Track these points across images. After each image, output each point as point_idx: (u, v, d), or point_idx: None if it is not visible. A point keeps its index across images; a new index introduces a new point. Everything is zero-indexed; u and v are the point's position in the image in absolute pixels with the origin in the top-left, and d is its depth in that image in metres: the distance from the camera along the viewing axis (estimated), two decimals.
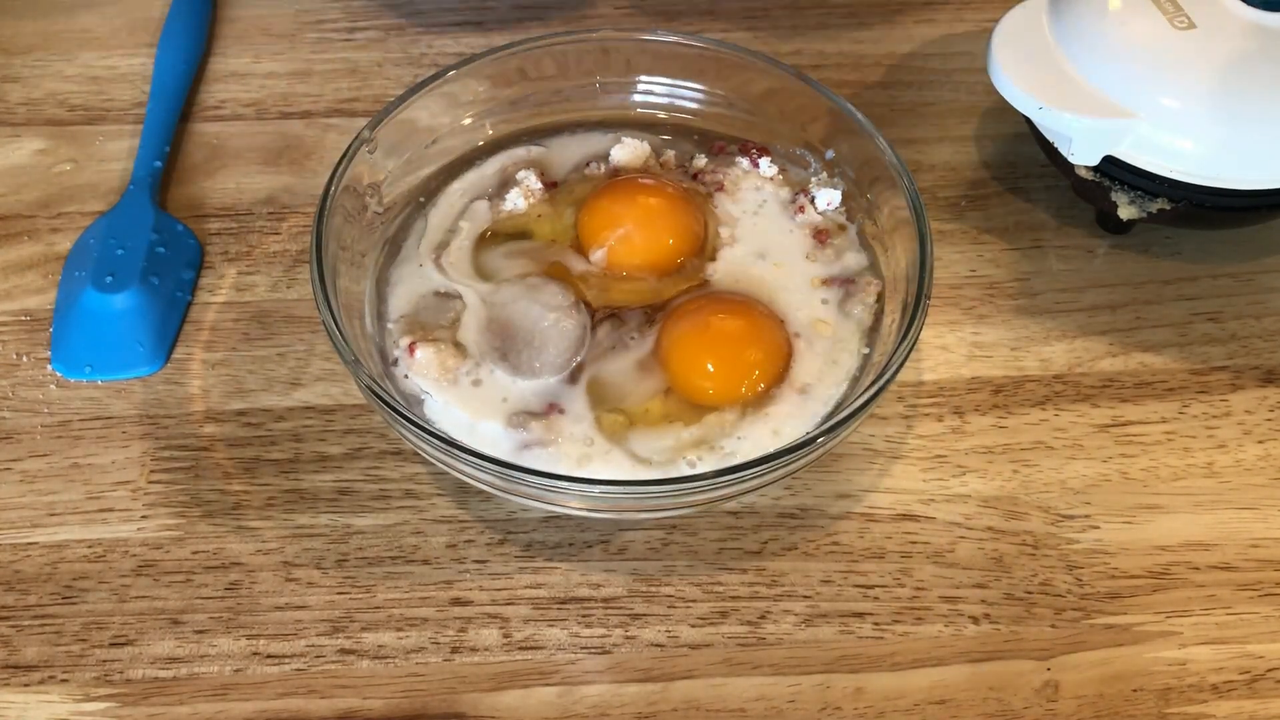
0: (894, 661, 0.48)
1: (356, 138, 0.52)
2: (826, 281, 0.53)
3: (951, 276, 0.59)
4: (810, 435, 0.45)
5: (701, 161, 0.57)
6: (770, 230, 0.54)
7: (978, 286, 0.59)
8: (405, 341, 0.50)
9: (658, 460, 0.48)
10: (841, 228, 0.54)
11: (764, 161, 0.56)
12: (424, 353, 0.49)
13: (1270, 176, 0.53)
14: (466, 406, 0.49)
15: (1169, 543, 0.51)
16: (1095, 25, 0.55)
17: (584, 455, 0.48)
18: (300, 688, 0.47)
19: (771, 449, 0.46)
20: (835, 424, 0.45)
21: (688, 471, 0.47)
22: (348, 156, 0.51)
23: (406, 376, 0.49)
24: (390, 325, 0.51)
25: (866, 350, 0.51)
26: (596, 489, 0.44)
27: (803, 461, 0.46)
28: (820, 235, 0.54)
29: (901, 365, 0.46)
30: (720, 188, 0.55)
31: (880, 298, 0.52)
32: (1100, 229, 0.60)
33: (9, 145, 0.64)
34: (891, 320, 0.50)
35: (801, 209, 0.55)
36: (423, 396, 0.49)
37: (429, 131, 0.55)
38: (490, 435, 0.48)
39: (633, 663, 0.48)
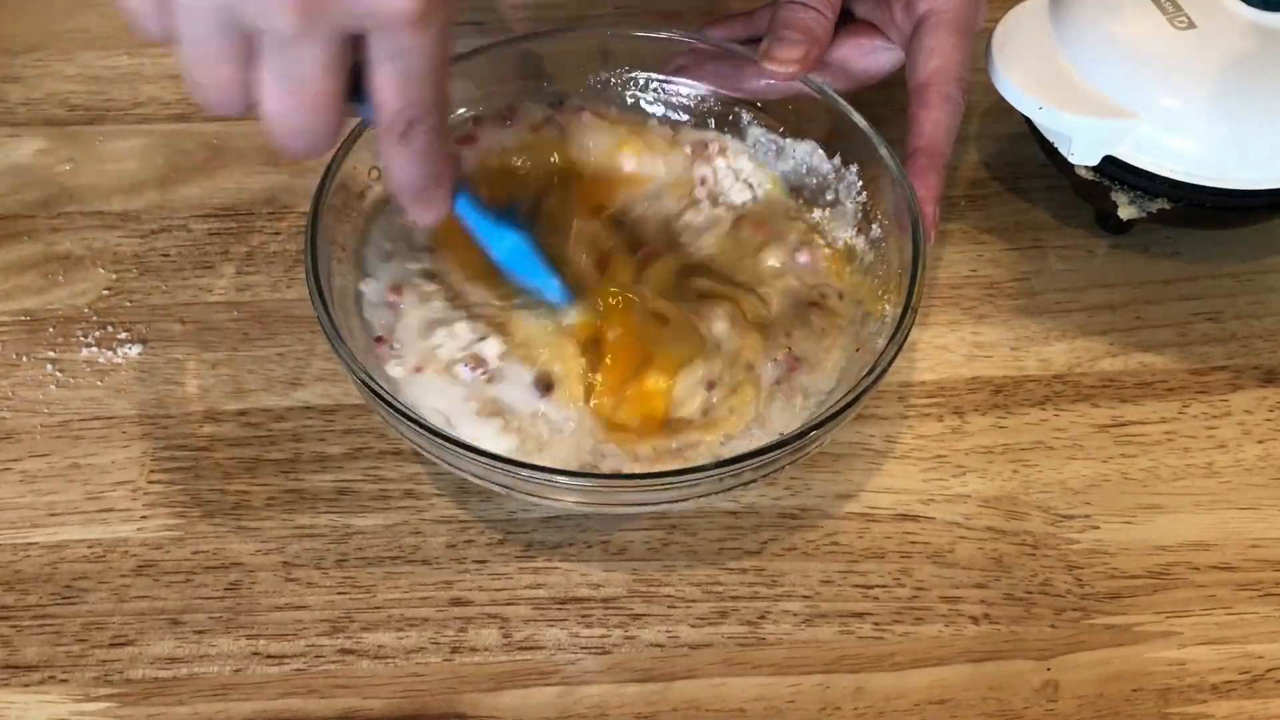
0: (894, 661, 0.48)
1: (360, 121, 0.51)
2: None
3: (951, 276, 0.59)
4: (795, 433, 0.45)
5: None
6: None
7: (978, 286, 0.59)
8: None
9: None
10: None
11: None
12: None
13: (1270, 176, 0.53)
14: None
15: (1169, 543, 0.51)
16: (1095, 25, 0.55)
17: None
18: (300, 688, 0.47)
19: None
20: (819, 423, 0.45)
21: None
22: (351, 138, 0.50)
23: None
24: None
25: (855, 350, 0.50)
26: (589, 483, 0.45)
27: (789, 459, 0.46)
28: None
29: (886, 369, 0.46)
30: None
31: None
32: (1100, 229, 0.60)
33: (9, 145, 0.64)
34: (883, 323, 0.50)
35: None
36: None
37: None
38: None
39: (633, 663, 0.48)
